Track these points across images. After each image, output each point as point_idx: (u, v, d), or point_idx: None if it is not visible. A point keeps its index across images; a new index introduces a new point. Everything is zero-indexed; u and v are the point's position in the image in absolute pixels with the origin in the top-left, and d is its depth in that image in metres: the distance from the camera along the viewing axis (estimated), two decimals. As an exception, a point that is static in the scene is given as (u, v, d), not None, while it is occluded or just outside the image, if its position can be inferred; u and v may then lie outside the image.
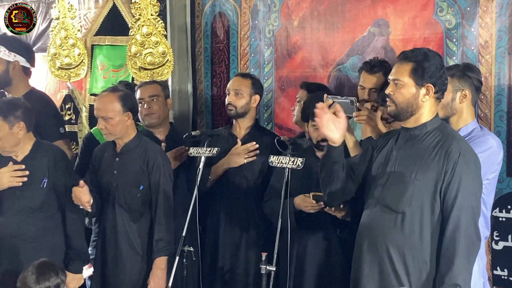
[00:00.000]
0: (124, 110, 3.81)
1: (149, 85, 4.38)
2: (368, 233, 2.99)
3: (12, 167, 3.81)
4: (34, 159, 3.85)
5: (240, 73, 4.42)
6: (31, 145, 3.87)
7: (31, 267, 3.37)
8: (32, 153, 3.86)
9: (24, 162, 3.84)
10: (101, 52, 5.59)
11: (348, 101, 3.20)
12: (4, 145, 3.80)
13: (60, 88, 5.89)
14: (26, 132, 3.82)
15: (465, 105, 3.26)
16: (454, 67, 3.36)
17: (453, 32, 3.96)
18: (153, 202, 3.84)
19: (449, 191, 2.80)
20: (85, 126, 5.55)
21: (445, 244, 2.79)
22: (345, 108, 3.16)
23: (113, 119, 3.79)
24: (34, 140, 3.90)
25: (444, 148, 2.85)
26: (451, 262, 2.76)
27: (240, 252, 4.05)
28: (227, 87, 4.21)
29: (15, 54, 4.52)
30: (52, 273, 3.36)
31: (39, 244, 3.79)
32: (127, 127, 3.85)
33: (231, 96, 4.12)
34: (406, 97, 2.89)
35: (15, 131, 3.77)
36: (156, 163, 3.84)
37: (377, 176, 3.01)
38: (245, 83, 4.16)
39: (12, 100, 3.96)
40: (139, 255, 3.86)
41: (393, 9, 4.20)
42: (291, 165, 3.47)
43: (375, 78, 3.82)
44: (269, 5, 4.78)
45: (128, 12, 5.30)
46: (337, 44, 4.49)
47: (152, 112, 4.26)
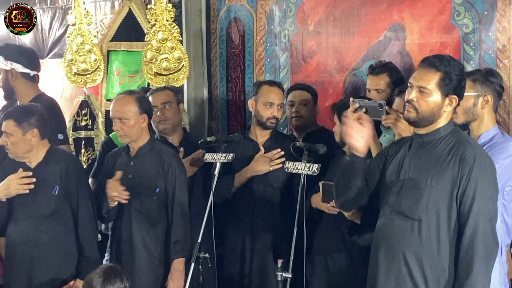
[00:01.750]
0: (140, 112, 3.83)
1: (161, 92, 4.36)
2: (384, 241, 2.95)
3: (20, 174, 3.81)
4: (47, 166, 3.85)
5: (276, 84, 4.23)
6: (44, 152, 3.88)
7: (99, 270, 3.42)
8: (45, 160, 3.87)
9: (37, 169, 3.84)
10: (117, 58, 5.61)
11: (376, 104, 3.15)
12: (16, 150, 3.81)
13: (76, 94, 5.91)
14: (40, 139, 3.83)
15: (486, 111, 3.22)
16: (476, 72, 3.32)
17: (470, 36, 3.93)
18: (169, 204, 3.84)
19: (465, 197, 2.77)
20: (101, 131, 5.57)
21: (463, 250, 2.76)
22: (373, 111, 3.12)
23: (129, 120, 3.80)
24: (48, 147, 3.91)
25: (459, 153, 2.81)
26: (469, 268, 2.72)
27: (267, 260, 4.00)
28: (275, 102, 4.01)
29: (11, 62, 4.50)
30: (118, 279, 3.39)
31: (51, 251, 3.78)
32: (142, 129, 3.86)
33: (278, 111, 4.02)
34: (430, 106, 2.84)
35: (28, 137, 3.78)
36: (171, 166, 3.84)
37: (391, 183, 2.98)
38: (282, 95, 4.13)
39: (28, 106, 3.97)
40: (156, 259, 3.85)
41: (410, 14, 4.18)
42: (307, 171, 3.45)
43: (378, 79, 3.83)
44: (285, 10, 4.78)
45: (143, 18, 5.32)
46: (352, 49, 4.48)
47: (165, 119, 4.25)
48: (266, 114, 4.01)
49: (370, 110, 3.12)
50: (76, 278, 3.81)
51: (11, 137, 3.78)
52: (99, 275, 3.39)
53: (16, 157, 3.86)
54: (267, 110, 4.01)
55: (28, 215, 3.83)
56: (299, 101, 4.32)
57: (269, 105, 4.01)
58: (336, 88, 4.60)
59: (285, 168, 3.58)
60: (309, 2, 4.67)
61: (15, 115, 3.81)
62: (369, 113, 3.18)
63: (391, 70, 3.90)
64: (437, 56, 2.89)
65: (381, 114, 3.16)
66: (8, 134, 3.78)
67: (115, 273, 3.42)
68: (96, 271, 3.43)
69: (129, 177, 3.89)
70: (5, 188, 3.80)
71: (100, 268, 3.46)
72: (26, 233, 3.82)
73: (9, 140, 3.79)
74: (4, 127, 3.81)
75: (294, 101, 4.33)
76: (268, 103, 4.01)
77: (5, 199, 3.82)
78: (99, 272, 3.41)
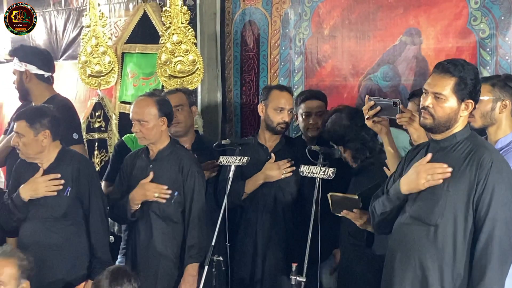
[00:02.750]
0: (160, 115, 3.83)
1: (174, 95, 4.33)
2: (400, 247, 2.94)
3: (48, 176, 3.81)
4: (59, 168, 3.85)
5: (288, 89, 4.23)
6: (56, 153, 3.88)
7: (106, 272, 3.45)
8: (56, 161, 3.87)
9: (48, 170, 3.85)
10: (131, 60, 5.62)
11: (391, 102, 3.15)
12: (28, 151, 3.82)
13: (90, 96, 5.93)
14: (52, 140, 3.84)
15: (504, 116, 3.20)
16: (495, 77, 3.30)
17: (487, 41, 3.90)
18: (187, 208, 3.84)
19: (482, 201, 2.76)
20: (115, 133, 5.57)
21: (478, 255, 2.75)
22: (388, 110, 3.12)
23: (148, 123, 3.80)
24: (60, 148, 3.91)
25: (476, 158, 2.80)
26: (483, 273, 2.71)
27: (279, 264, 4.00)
28: (286, 107, 4.02)
29: (26, 64, 4.54)
30: (125, 279, 3.41)
31: (63, 252, 3.80)
32: (161, 132, 3.86)
33: (288, 116, 4.03)
34: (446, 112, 2.83)
35: (39, 138, 3.79)
36: (191, 170, 3.84)
37: None
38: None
39: (41, 108, 3.98)
40: (172, 261, 3.86)
41: (426, 18, 4.16)
42: (322, 175, 3.44)
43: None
44: (300, 13, 4.77)
45: (158, 20, 5.32)
46: (368, 53, 4.46)
47: (177, 122, 4.22)
48: (276, 119, 4.01)
49: (384, 108, 3.12)
50: (87, 279, 3.82)
51: (23, 138, 3.79)
52: (106, 276, 3.41)
53: (27, 158, 3.87)
54: (277, 115, 4.01)
55: (40, 216, 3.84)
56: (316, 112, 4.24)
57: (280, 110, 4.01)
58: (350, 93, 4.58)
59: (300, 172, 3.58)
60: (325, 6, 4.66)
61: (28, 116, 3.82)
62: (383, 111, 3.19)
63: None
64: (451, 61, 2.88)
65: (396, 112, 3.16)
66: (20, 135, 3.80)
67: (122, 274, 3.43)
68: (104, 272, 3.45)
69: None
70: (32, 190, 3.80)
71: (108, 269, 3.48)
72: (38, 234, 3.84)
73: (21, 141, 3.80)
74: (16, 128, 3.82)
75: (311, 112, 4.23)
76: (279, 108, 4.01)
77: (28, 200, 3.83)
78: (106, 274, 3.43)
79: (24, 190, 3.80)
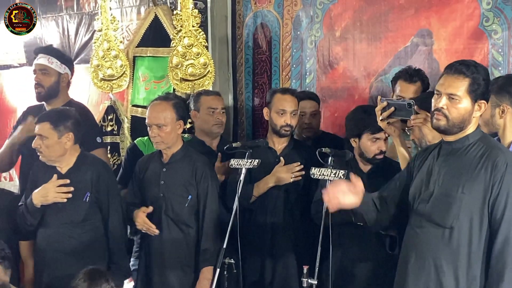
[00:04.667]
0: (177, 119, 3.85)
1: (219, 97, 4.52)
2: (414, 249, 2.93)
3: (58, 182, 3.80)
4: (78, 172, 3.85)
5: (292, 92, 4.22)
6: (75, 157, 3.88)
7: (81, 275, 3.36)
8: (76, 166, 3.87)
9: (68, 175, 3.84)
10: (143, 64, 5.63)
11: (405, 103, 3.12)
12: (50, 154, 3.81)
13: (102, 99, 5.94)
14: (73, 143, 3.84)
15: (508, 119, 3.17)
16: (494, 82, 3.23)
17: (499, 42, 3.88)
18: (200, 212, 3.85)
19: (497, 204, 2.74)
20: (127, 137, 5.58)
21: (494, 258, 2.73)
22: (402, 111, 3.09)
23: (166, 126, 3.81)
24: (79, 152, 3.91)
25: (491, 159, 2.79)
26: (500, 276, 2.69)
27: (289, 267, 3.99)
28: (288, 109, 4.03)
29: (65, 67, 4.60)
30: (103, 280, 3.35)
31: (80, 257, 3.78)
32: (177, 136, 3.88)
33: (291, 118, 4.04)
34: (461, 113, 2.82)
35: (63, 141, 3.78)
36: (204, 174, 3.86)
37: (420, 192, 2.95)
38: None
39: (64, 110, 3.98)
40: (185, 265, 3.87)
41: (437, 19, 4.15)
42: (333, 177, 3.43)
43: (415, 87, 3.79)
44: (312, 16, 4.77)
45: (169, 23, 5.33)
46: (379, 55, 4.46)
47: (222, 123, 4.40)
48: (279, 122, 4.03)
49: (398, 109, 3.10)
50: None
51: (45, 140, 3.77)
52: (83, 279, 3.33)
53: (48, 161, 3.85)
54: (280, 118, 4.02)
55: (59, 222, 3.84)
56: (310, 112, 4.38)
57: (282, 113, 4.02)
58: (362, 94, 4.57)
59: (311, 174, 3.56)
60: (336, 8, 4.65)
61: (52, 118, 3.81)
62: (397, 112, 3.16)
63: (423, 78, 3.88)
64: (463, 62, 2.87)
65: (410, 113, 3.12)
66: (43, 137, 3.77)
67: (99, 275, 3.37)
68: (79, 276, 3.37)
69: (161, 183, 3.90)
70: (42, 196, 3.79)
71: (82, 272, 3.40)
72: (56, 239, 3.84)
73: (43, 143, 3.78)
74: (39, 130, 3.79)
75: (305, 112, 4.36)
76: (281, 111, 4.02)
77: (40, 205, 3.82)
78: (83, 277, 3.35)
79: (36, 196, 3.80)
